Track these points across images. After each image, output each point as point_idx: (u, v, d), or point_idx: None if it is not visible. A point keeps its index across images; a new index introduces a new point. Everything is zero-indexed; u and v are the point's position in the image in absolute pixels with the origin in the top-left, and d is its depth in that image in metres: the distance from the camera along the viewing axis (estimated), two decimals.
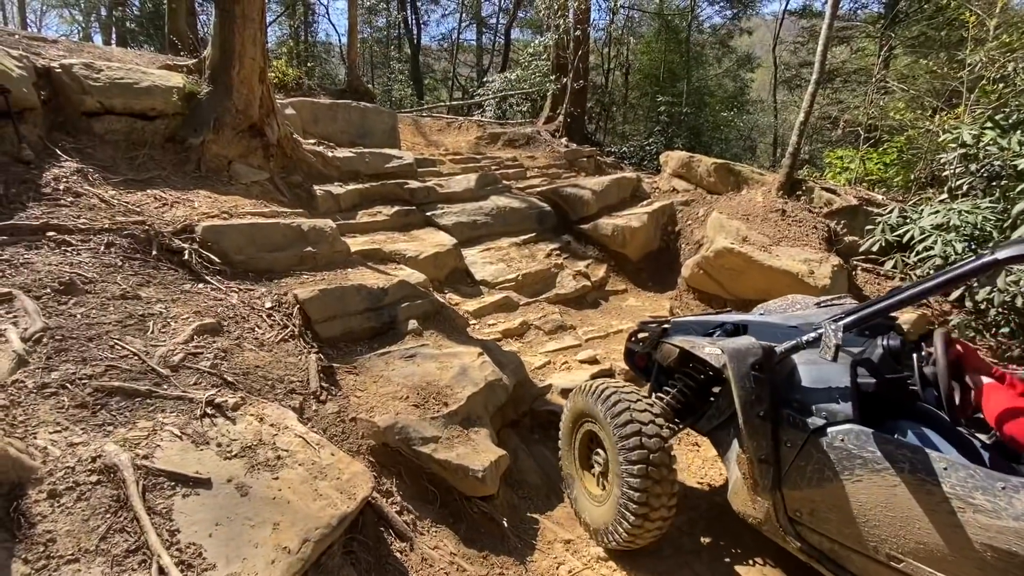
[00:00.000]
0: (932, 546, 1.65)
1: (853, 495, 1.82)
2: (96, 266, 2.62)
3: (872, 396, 1.92)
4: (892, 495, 1.71)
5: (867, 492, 1.78)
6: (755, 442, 2.03)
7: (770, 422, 2.03)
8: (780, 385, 2.05)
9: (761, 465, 2.04)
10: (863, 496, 1.79)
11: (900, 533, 1.72)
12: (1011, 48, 5.21)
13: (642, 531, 2.29)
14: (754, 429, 2.02)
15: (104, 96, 3.87)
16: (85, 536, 1.40)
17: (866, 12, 16.31)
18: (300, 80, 8.49)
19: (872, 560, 1.82)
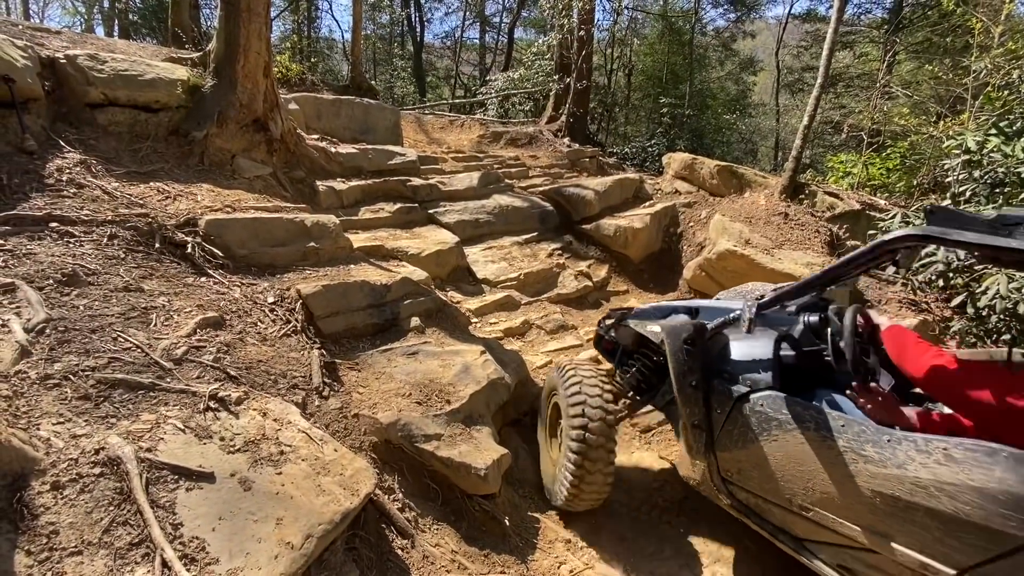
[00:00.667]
0: (834, 495, 1.82)
1: (771, 453, 2.01)
2: (99, 258, 2.61)
3: (795, 368, 2.13)
4: (801, 452, 1.90)
5: (782, 450, 1.97)
6: (688, 409, 2.23)
7: (702, 391, 2.22)
8: (713, 358, 2.27)
9: (695, 430, 2.25)
10: (779, 454, 1.99)
11: (808, 485, 1.90)
12: (1016, 55, 5.22)
13: (578, 493, 2.52)
14: (687, 397, 2.22)
15: (108, 88, 3.85)
16: (88, 528, 1.39)
17: (870, 17, 16.34)
18: (303, 75, 8.47)
19: (788, 511, 2.02)
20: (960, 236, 1.57)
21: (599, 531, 2.66)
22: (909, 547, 1.64)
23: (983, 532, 1.47)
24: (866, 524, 1.75)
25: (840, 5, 6.22)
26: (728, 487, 2.27)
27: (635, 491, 2.98)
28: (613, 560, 2.49)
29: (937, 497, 1.55)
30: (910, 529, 1.63)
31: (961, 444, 1.53)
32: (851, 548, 1.85)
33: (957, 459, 1.51)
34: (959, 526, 1.52)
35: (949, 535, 1.55)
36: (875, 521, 1.72)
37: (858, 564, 1.83)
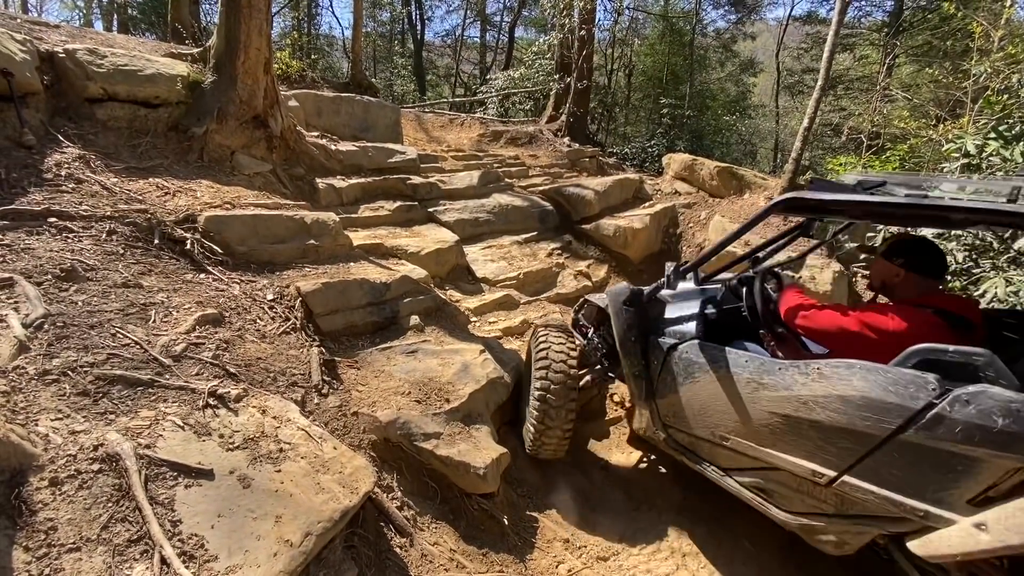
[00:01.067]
0: (743, 421, 2.11)
1: (695, 394, 2.32)
2: (98, 253, 2.59)
3: (718, 323, 2.56)
4: (717, 388, 2.20)
5: (703, 389, 2.28)
6: (629, 360, 2.58)
7: (640, 346, 2.57)
8: (650, 319, 2.60)
9: (636, 380, 2.58)
10: (701, 393, 2.29)
11: (724, 417, 2.20)
12: (1016, 60, 5.23)
13: (540, 444, 2.83)
14: (628, 351, 2.57)
15: (107, 82, 3.83)
16: (87, 525, 1.38)
17: (870, 20, 16.36)
18: (304, 72, 8.44)
19: (712, 443, 2.31)
20: (823, 196, 1.89)
21: (598, 530, 2.66)
22: (800, 458, 1.94)
23: (850, 435, 1.76)
24: (768, 443, 2.05)
25: (841, 8, 6.23)
26: (667, 430, 2.57)
27: (633, 490, 2.98)
28: (611, 559, 2.49)
29: (815, 410, 1.84)
30: (799, 442, 1.93)
31: (829, 363, 1.83)
32: (761, 469, 2.14)
33: (827, 375, 1.82)
34: (832, 432, 1.81)
35: (827, 442, 1.84)
36: (774, 440, 2.02)
37: (769, 483, 2.13)
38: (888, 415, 1.67)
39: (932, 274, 2.04)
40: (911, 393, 1.62)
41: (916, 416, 1.61)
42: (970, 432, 1.51)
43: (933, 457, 1.61)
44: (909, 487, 1.67)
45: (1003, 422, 1.47)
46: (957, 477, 1.57)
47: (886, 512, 1.75)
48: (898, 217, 2.14)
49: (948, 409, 1.55)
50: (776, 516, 2.14)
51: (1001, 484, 1.52)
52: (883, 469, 1.72)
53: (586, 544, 2.55)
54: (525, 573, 2.28)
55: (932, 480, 1.63)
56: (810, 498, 1.99)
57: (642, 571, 2.44)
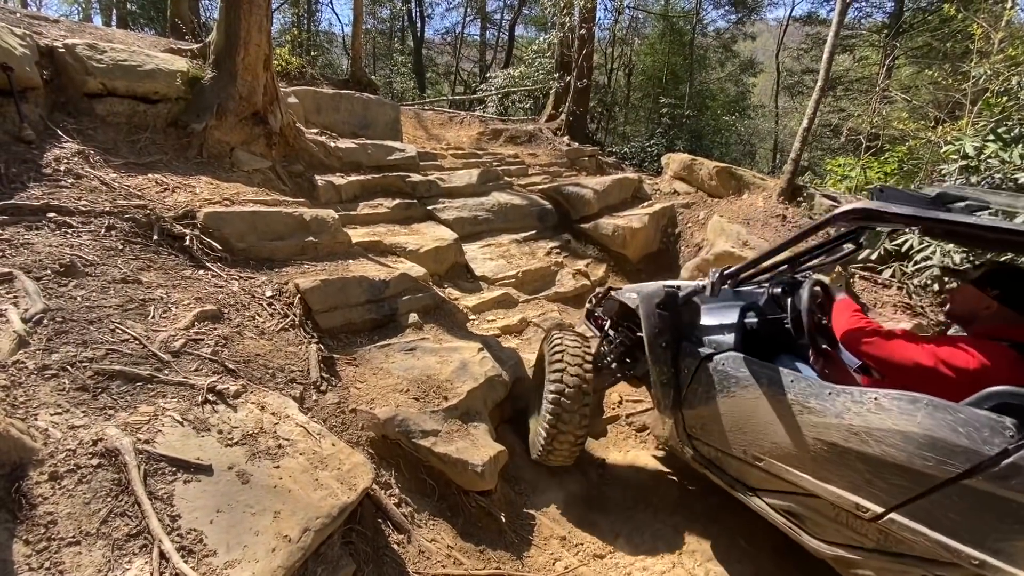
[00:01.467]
0: (781, 444, 1.99)
1: (729, 409, 2.19)
2: (97, 249, 2.60)
3: (758, 334, 2.35)
4: (755, 406, 2.07)
5: (739, 405, 2.14)
6: (658, 368, 2.42)
7: (671, 352, 2.42)
8: (683, 324, 2.46)
9: (664, 388, 2.43)
10: (736, 409, 2.16)
11: (760, 437, 2.07)
12: (1016, 62, 5.24)
13: (551, 449, 2.69)
14: (657, 357, 2.42)
15: (107, 78, 3.82)
16: (86, 519, 1.39)
17: (870, 21, 16.38)
18: (303, 69, 8.43)
19: (743, 462, 2.19)
20: (898, 210, 1.70)
21: (594, 528, 2.67)
22: (844, 489, 1.82)
23: (905, 472, 1.65)
24: (808, 470, 1.92)
25: (841, 9, 6.23)
26: (692, 442, 2.44)
27: (630, 489, 2.99)
28: (607, 557, 2.50)
29: (867, 442, 1.72)
30: (844, 472, 1.81)
31: (889, 394, 1.71)
32: (795, 494, 2.02)
33: (885, 407, 1.69)
34: (885, 468, 1.69)
35: (877, 476, 1.72)
36: (816, 467, 1.90)
37: (802, 508, 2.01)
38: (954, 458, 1.55)
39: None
40: (984, 437, 1.50)
41: (987, 463, 1.49)
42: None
43: (1001, 507, 1.50)
44: (967, 534, 1.56)
45: None
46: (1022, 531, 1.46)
47: (935, 555, 1.64)
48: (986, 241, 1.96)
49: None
50: (807, 543, 2.05)
51: None
52: (939, 512, 1.61)
53: (583, 542, 2.56)
54: (522, 570, 2.29)
55: (995, 530, 1.52)
56: (848, 530, 1.88)
57: (638, 569, 2.45)
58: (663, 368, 2.43)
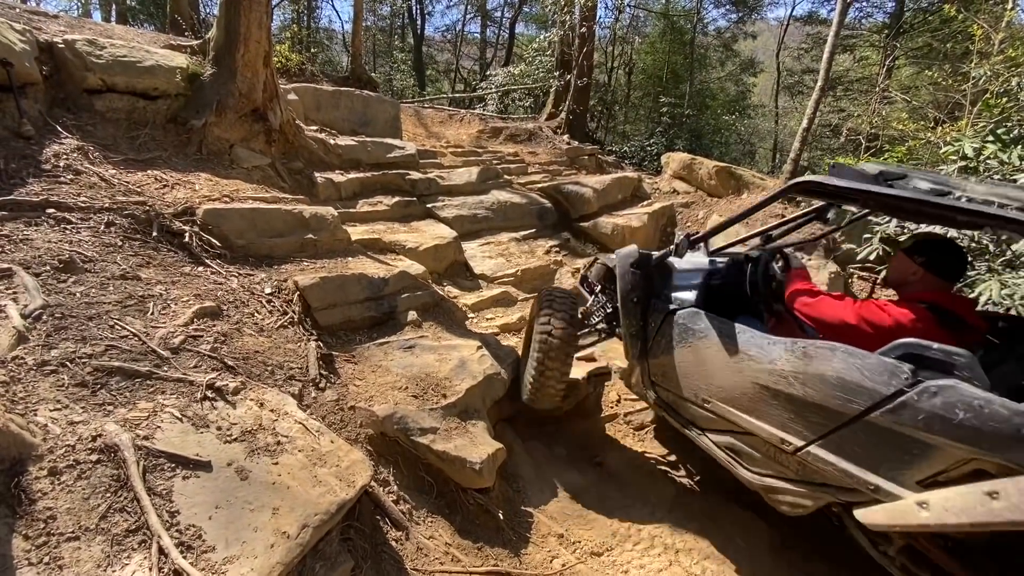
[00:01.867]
0: (726, 387, 2.28)
1: (686, 358, 2.47)
2: (96, 245, 2.60)
3: (724, 297, 2.63)
4: (707, 355, 2.35)
5: (694, 355, 2.42)
6: (629, 320, 2.72)
7: (641, 307, 2.71)
8: (655, 284, 2.73)
9: (633, 339, 2.73)
10: (691, 358, 2.44)
11: (709, 382, 2.36)
12: (1016, 63, 5.24)
13: (539, 389, 2.94)
14: (628, 311, 2.71)
15: (106, 73, 3.82)
16: (85, 514, 1.39)
17: (871, 21, 16.37)
18: (303, 66, 8.42)
19: (694, 404, 2.48)
20: (838, 183, 1.95)
21: (592, 526, 2.68)
22: (772, 426, 2.10)
23: (821, 410, 1.91)
24: (745, 410, 2.21)
25: (842, 8, 6.23)
26: (655, 388, 2.75)
27: (628, 487, 3.00)
28: (605, 554, 2.51)
29: (793, 384, 1.99)
30: (773, 412, 2.09)
31: (814, 343, 1.96)
32: (735, 432, 2.33)
33: (809, 354, 1.95)
34: (806, 407, 1.96)
35: (799, 415, 2.00)
36: (751, 407, 2.18)
37: (739, 444, 2.31)
38: (859, 396, 1.80)
39: (948, 276, 2.07)
40: (885, 380, 1.75)
41: (885, 400, 1.74)
42: (931, 421, 1.64)
43: (894, 439, 1.75)
44: (867, 462, 1.83)
45: (963, 416, 1.59)
46: (912, 459, 1.72)
47: (842, 482, 1.91)
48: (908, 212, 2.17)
49: (916, 398, 1.68)
50: (741, 475, 2.34)
51: (951, 471, 1.65)
52: (846, 444, 1.88)
53: (580, 539, 2.57)
54: (520, 567, 2.30)
55: (889, 459, 1.77)
56: (775, 463, 2.16)
57: (635, 567, 2.46)
58: (632, 321, 2.72)
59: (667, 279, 2.72)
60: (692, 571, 2.48)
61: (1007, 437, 1.52)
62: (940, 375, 1.67)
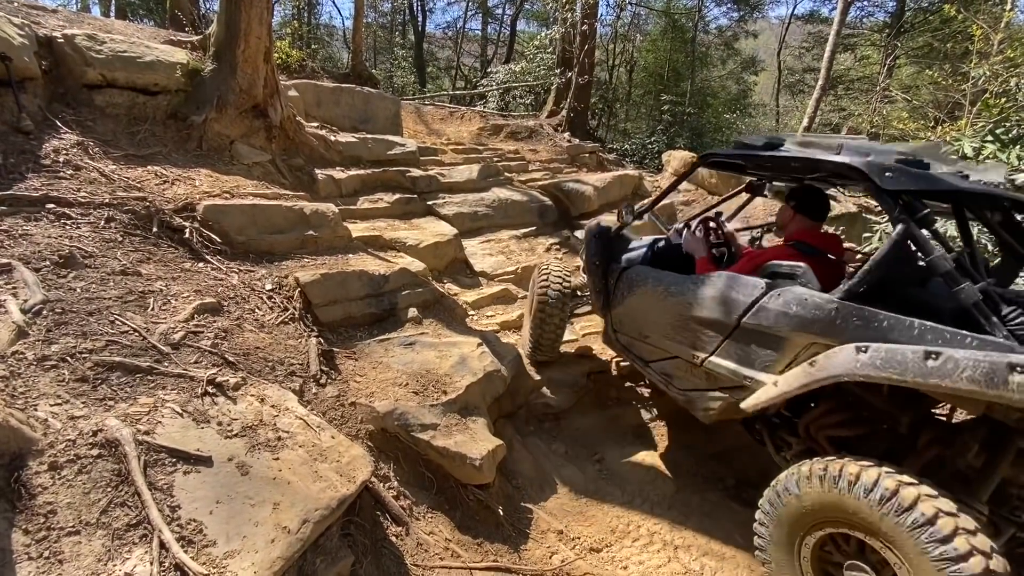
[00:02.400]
0: (659, 323, 2.83)
1: (634, 305, 3.05)
2: (96, 240, 2.59)
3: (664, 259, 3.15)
4: (646, 299, 2.93)
5: (639, 301, 3.00)
6: (593, 279, 3.40)
7: (603, 268, 3.35)
8: (615, 250, 3.40)
9: (597, 295, 3.38)
10: (637, 303, 3.02)
11: (649, 320, 2.93)
12: (1015, 63, 5.24)
13: (538, 344, 3.66)
14: (592, 271, 3.39)
15: (106, 69, 3.80)
16: (86, 509, 1.39)
17: (872, 20, 16.34)
18: (304, 62, 8.40)
19: (640, 341, 3.04)
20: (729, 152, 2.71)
21: (591, 522, 2.69)
22: (687, 346, 2.62)
23: (715, 324, 2.43)
24: (671, 337, 2.74)
25: (843, 8, 6.22)
26: (616, 335, 3.29)
27: (627, 484, 3.01)
28: (604, 550, 2.52)
29: (697, 308, 2.52)
30: (687, 335, 2.61)
31: (712, 275, 2.51)
32: (666, 359, 2.83)
33: (706, 283, 2.50)
34: (706, 324, 2.48)
35: (702, 333, 2.52)
36: (674, 334, 2.72)
37: (671, 369, 2.80)
38: (736, 308, 2.30)
39: (813, 216, 2.55)
40: (749, 292, 2.26)
41: (750, 307, 2.24)
42: (778, 317, 2.12)
43: (759, 338, 2.23)
44: (746, 361, 2.29)
45: (795, 309, 2.07)
46: (772, 352, 2.18)
47: (732, 382, 2.36)
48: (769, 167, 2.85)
49: (767, 301, 2.17)
50: (672, 393, 2.82)
51: (800, 358, 2.08)
52: (732, 349, 2.36)
53: (579, 535, 2.57)
54: (519, 563, 2.31)
55: (759, 356, 2.24)
56: (692, 377, 2.64)
57: (634, 563, 2.47)
58: (596, 280, 3.36)
59: (624, 247, 3.40)
60: (691, 567, 2.49)
61: (825, 322, 1.97)
62: (787, 283, 2.15)
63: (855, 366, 1.79)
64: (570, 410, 3.53)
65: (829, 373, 1.88)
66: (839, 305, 1.95)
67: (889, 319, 1.83)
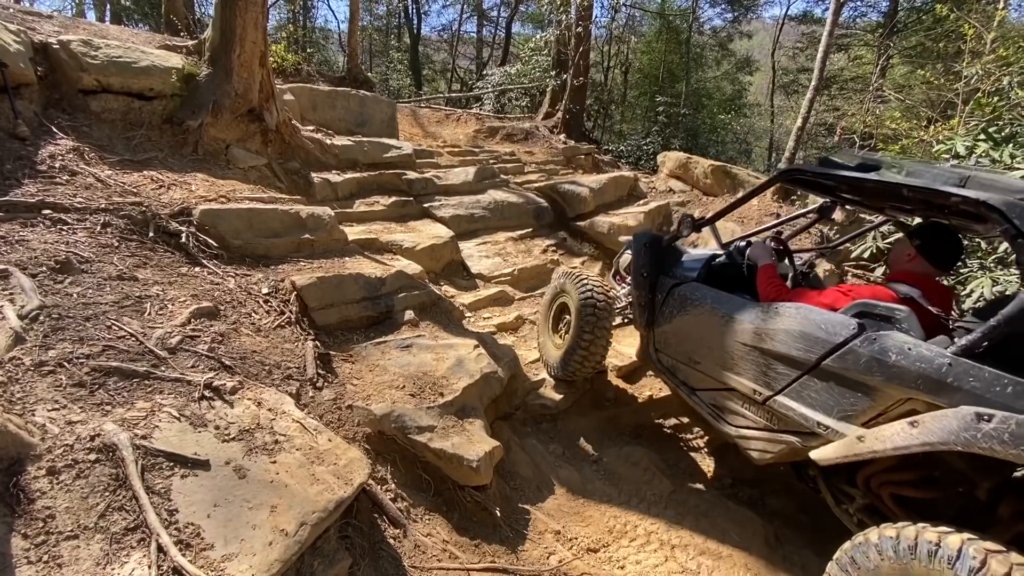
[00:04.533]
0: (714, 349, 2.59)
1: (683, 325, 2.83)
2: (92, 246, 2.60)
3: (725, 277, 2.92)
4: (700, 320, 2.70)
5: (690, 321, 2.78)
6: (639, 291, 3.13)
7: (650, 281, 3.09)
8: (665, 262, 3.14)
9: (641, 309, 3.13)
10: (687, 324, 2.80)
11: (701, 344, 2.69)
12: (1007, 62, 5.29)
13: (583, 366, 3.34)
14: (639, 283, 3.13)
15: (102, 74, 3.81)
16: (84, 513, 1.40)
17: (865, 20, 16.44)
18: (299, 66, 8.42)
19: (688, 366, 2.81)
20: (825, 170, 2.25)
21: (588, 522, 2.70)
22: (748, 379, 2.39)
23: (786, 360, 2.19)
24: (727, 367, 2.50)
25: (835, 8, 6.27)
26: (657, 354, 3.10)
27: (624, 483, 3.02)
28: (601, 551, 2.53)
29: (764, 339, 2.29)
30: (749, 367, 2.38)
31: (783, 304, 2.28)
32: (718, 390, 2.59)
33: (780, 313, 2.27)
34: (774, 358, 2.25)
35: (769, 367, 2.28)
36: (732, 364, 2.47)
37: (723, 402, 2.57)
38: (816, 346, 2.06)
39: (937, 263, 2.21)
40: (837, 331, 2.01)
41: (836, 348, 2.00)
42: (871, 364, 1.88)
43: (843, 383, 1.99)
44: (821, 406, 2.06)
45: (895, 358, 1.82)
46: (857, 401, 1.94)
47: (800, 427, 2.14)
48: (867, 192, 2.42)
49: (859, 344, 1.93)
50: (721, 428, 2.59)
51: (890, 412, 1.86)
52: (805, 391, 2.12)
53: (577, 536, 2.58)
54: (517, 564, 2.32)
55: (839, 402, 2.00)
56: (749, 414, 2.42)
57: (631, 562, 2.48)
58: (642, 292, 3.10)
59: (677, 260, 3.13)
60: (688, 566, 2.50)
61: (932, 378, 1.72)
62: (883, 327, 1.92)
63: (975, 437, 1.52)
64: (567, 411, 3.54)
65: (938, 439, 1.61)
66: (952, 361, 1.69)
67: (1017, 385, 1.55)
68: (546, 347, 3.73)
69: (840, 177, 2.21)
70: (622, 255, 3.86)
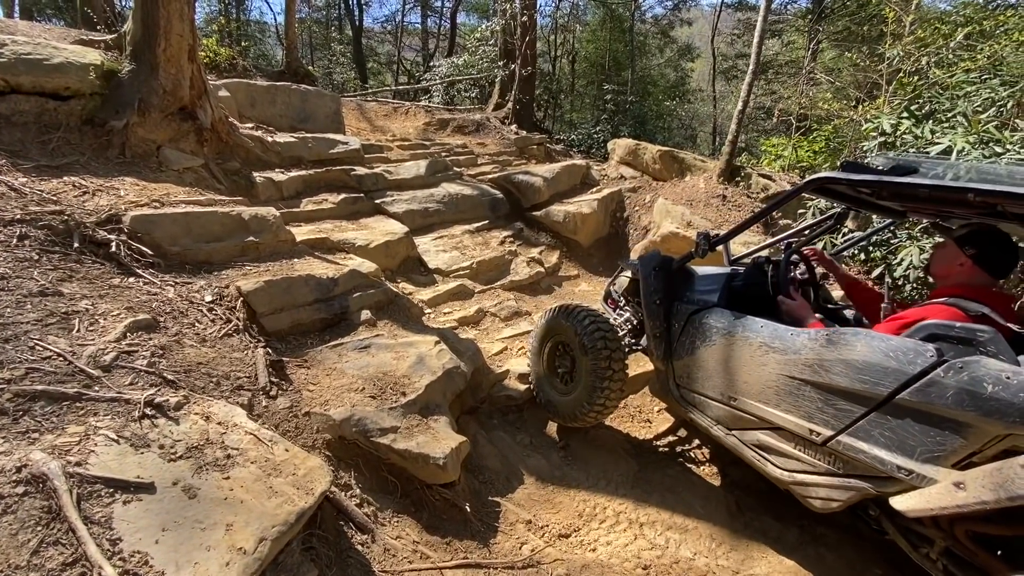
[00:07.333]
0: (752, 382, 2.27)
1: (710, 356, 2.49)
2: (8, 261, 2.38)
3: (745, 299, 2.61)
4: (732, 351, 2.36)
5: (719, 352, 2.44)
6: (652, 322, 2.79)
7: (664, 308, 2.76)
8: (678, 285, 2.81)
9: (657, 340, 2.78)
10: (716, 356, 2.46)
11: (735, 378, 2.35)
12: (924, 43, 5.64)
13: (602, 411, 2.93)
14: (652, 312, 2.79)
15: (9, 73, 3.48)
16: (15, 551, 1.28)
17: (796, 7, 17.17)
18: (234, 60, 7.99)
19: (719, 403, 2.47)
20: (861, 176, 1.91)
21: (559, 509, 2.73)
22: (800, 417, 2.08)
23: (849, 396, 1.90)
24: (773, 403, 2.18)
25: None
26: (680, 390, 2.73)
27: (591, 467, 3.07)
28: (572, 535, 2.56)
29: (819, 372, 1.98)
30: (801, 402, 2.07)
31: (837, 330, 1.98)
32: (763, 428, 2.28)
33: (834, 341, 1.96)
34: (834, 394, 1.95)
35: (827, 403, 1.98)
36: (779, 400, 2.15)
37: (769, 440, 2.26)
38: (886, 379, 1.77)
39: (995, 271, 1.98)
40: (910, 359, 1.72)
41: (912, 380, 1.70)
42: (961, 397, 1.60)
43: (925, 420, 1.70)
44: (899, 447, 1.77)
45: (992, 389, 1.54)
46: (946, 440, 1.66)
47: (874, 471, 1.84)
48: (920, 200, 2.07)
49: (943, 375, 1.64)
50: (771, 473, 2.26)
51: (986, 450, 1.60)
52: (876, 430, 1.83)
53: (548, 523, 2.60)
54: (489, 557, 2.31)
55: (922, 442, 1.71)
56: (806, 456, 2.11)
57: (603, 544, 2.53)
58: (656, 322, 2.76)
59: (689, 282, 2.79)
60: (656, 542, 2.57)
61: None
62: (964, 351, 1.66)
63: None
64: (533, 400, 3.56)
65: None
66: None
67: None
68: (548, 392, 3.30)
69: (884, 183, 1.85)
70: (616, 279, 3.52)
